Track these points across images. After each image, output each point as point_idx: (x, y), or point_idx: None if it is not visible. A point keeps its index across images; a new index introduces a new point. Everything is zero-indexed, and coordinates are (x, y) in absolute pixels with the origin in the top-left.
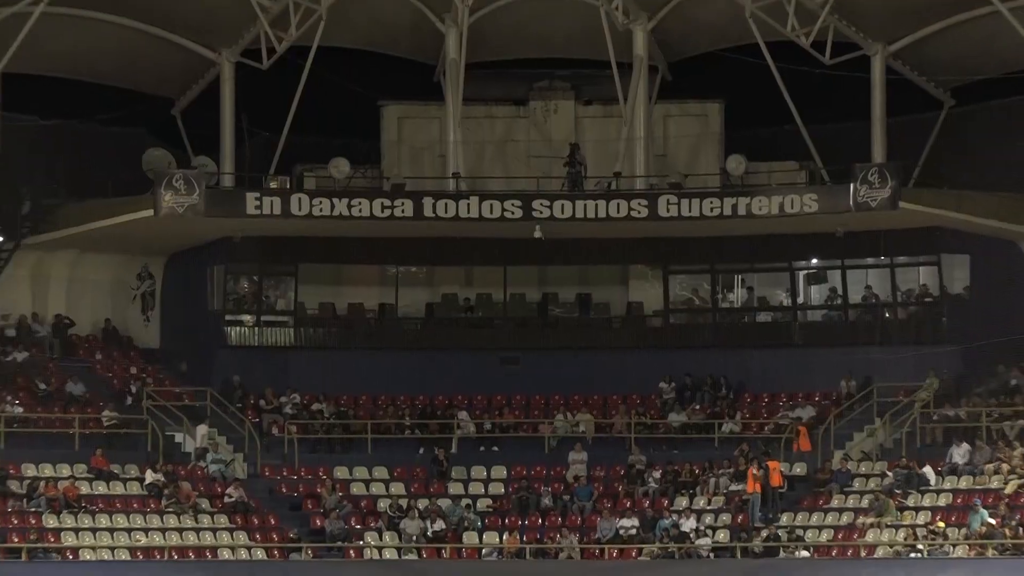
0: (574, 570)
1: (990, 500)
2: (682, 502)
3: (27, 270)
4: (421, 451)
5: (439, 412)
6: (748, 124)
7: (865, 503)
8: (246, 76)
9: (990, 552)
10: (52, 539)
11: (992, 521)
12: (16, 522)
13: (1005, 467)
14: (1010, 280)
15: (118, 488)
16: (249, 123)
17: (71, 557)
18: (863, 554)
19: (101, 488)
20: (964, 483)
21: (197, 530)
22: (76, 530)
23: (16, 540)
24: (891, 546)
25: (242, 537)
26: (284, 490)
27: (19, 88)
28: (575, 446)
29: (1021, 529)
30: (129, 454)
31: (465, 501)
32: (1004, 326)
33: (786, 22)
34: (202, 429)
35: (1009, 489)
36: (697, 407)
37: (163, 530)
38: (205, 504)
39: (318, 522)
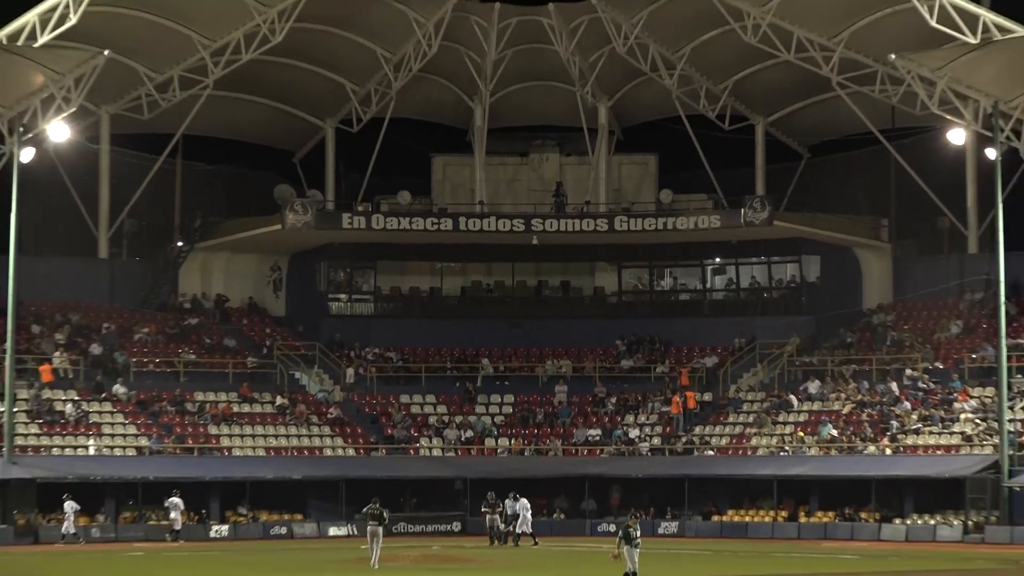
0: (558, 463)
1: (833, 418)
2: (629, 418)
3: (198, 264)
4: (457, 384)
5: (469, 359)
6: (674, 169)
7: (751, 419)
8: (342, 136)
9: (832, 452)
10: (214, 441)
11: (834, 432)
12: (191, 430)
13: (843, 395)
14: (846, 272)
15: (257, 408)
16: (344, 167)
17: (226, 453)
18: (749, 453)
19: (246, 408)
20: (816, 406)
21: (309, 436)
22: (229, 436)
23: (190, 442)
24: (767, 448)
25: (339, 441)
26: (367, 410)
27: (193, 144)
28: (559, 382)
29: (854, 437)
30: (264, 386)
31: (486, 418)
32: (842, 303)
33: (699, 101)
34: (350, 371)
35: (845, 410)
36: (640, 356)
37: (287, 436)
38: (315, 419)
39: (389, 431)
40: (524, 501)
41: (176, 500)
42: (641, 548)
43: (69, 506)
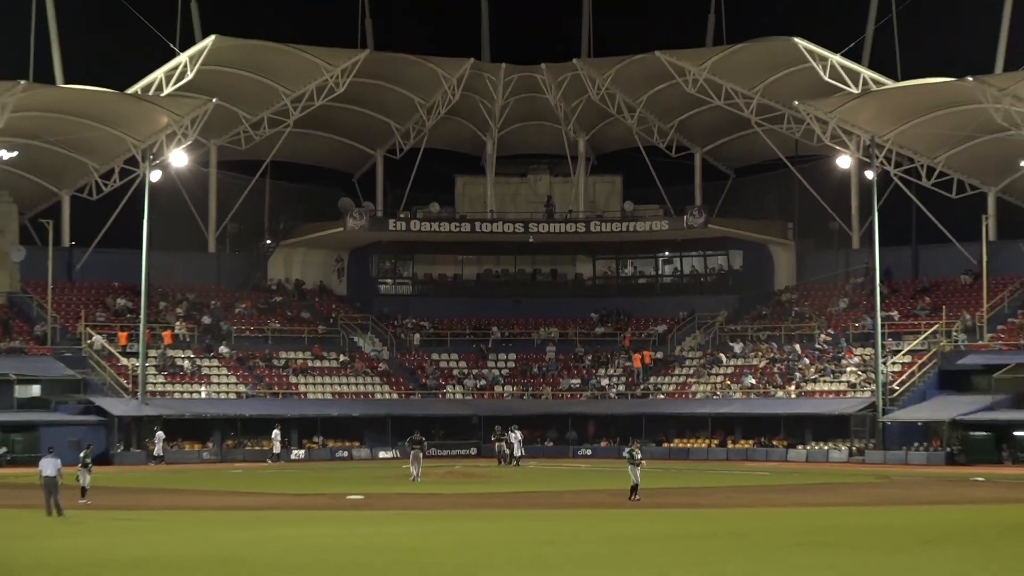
0: (548, 404)
1: (752, 370)
2: (602, 371)
3: (282, 257)
4: (474, 346)
5: (483, 327)
6: (634, 186)
7: (691, 372)
8: (388, 162)
9: (752, 396)
10: (294, 388)
11: (753, 381)
12: (276, 379)
13: (759, 354)
14: (761, 263)
15: (326, 363)
16: (390, 185)
17: (303, 397)
18: (690, 397)
19: (318, 364)
20: (739, 362)
21: (364, 384)
22: (305, 384)
23: (276, 389)
24: (704, 393)
25: (386, 388)
26: (407, 365)
27: (278, 167)
28: (549, 344)
29: (768, 385)
30: (331, 347)
31: (495, 370)
32: (759, 285)
33: (653, 136)
34: (417, 337)
35: (761, 365)
36: (609, 325)
37: (348, 384)
38: (368, 372)
39: (423, 381)
40: (516, 433)
41: (275, 432)
42: (642, 467)
43: (159, 436)
